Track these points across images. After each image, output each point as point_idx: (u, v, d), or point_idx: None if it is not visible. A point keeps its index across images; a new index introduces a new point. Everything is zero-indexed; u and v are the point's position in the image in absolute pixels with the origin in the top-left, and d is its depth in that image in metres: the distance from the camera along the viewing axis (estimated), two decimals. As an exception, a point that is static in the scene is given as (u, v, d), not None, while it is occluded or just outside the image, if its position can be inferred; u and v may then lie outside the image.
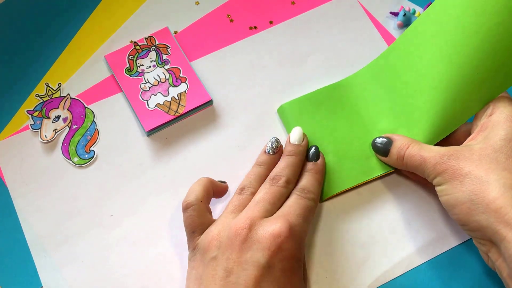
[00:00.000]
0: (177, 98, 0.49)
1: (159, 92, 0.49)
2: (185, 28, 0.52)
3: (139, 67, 0.50)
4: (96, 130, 0.49)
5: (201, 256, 0.39)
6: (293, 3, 0.53)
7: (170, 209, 0.46)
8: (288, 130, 0.48)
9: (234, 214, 0.40)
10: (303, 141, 0.45)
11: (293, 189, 0.42)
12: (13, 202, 0.46)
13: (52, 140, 0.48)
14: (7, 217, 0.46)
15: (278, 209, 0.41)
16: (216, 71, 0.51)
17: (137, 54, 0.50)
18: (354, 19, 0.53)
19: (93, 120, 0.49)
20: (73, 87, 0.50)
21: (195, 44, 0.52)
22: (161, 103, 0.48)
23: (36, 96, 0.50)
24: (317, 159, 0.44)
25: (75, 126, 0.49)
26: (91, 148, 0.48)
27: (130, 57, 0.50)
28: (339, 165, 0.45)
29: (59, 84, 0.50)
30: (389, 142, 0.43)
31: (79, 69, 0.51)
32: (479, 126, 0.41)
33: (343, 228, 0.45)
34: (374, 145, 0.45)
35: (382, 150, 0.44)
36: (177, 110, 0.48)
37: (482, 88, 0.41)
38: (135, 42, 0.51)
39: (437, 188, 0.39)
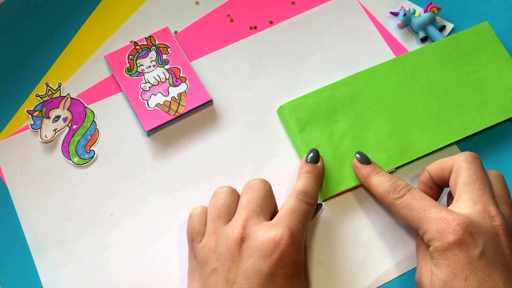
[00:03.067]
0: (177, 98, 0.49)
1: (159, 92, 0.49)
2: (185, 28, 0.52)
3: (139, 67, 0.50)
4: (96, 130, 0.49)
5: (200, 269, 0.38)
6: (293, 3, 0.53)
7: (170, 209, 0.46)
8: (288, 130, 0.48)
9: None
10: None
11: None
12: (13, 202, 0.46)
13: (52, 140, 0.48)
14: (7, 217, 0.46)
15: (268, 209, 0.39)
16: (216, 71, 0.51)
17: (137, 54, 0.50)
18: (354, 19, 0.53)
19: (93, 120, 0.49)
20: (73, 87, 0.50)
21: (195, 44, 0.52)
22: (161, 103, 0.48)
23: (36, 96, 0.50)
24: (317, 162, 0.44)
25: (75, 126, 0.49)
26: (91, 148, 0.48)
27: (130, 57, 0.50)
28: (339, 165, 0.45)
29: (59, 84, 0.50)
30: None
31: (79, 69, 0.51)
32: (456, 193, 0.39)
33: (343, 228, 0.45)
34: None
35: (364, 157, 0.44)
36: (177, 110, 0.48)
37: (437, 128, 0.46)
38: (135, 42, 0.51)
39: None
